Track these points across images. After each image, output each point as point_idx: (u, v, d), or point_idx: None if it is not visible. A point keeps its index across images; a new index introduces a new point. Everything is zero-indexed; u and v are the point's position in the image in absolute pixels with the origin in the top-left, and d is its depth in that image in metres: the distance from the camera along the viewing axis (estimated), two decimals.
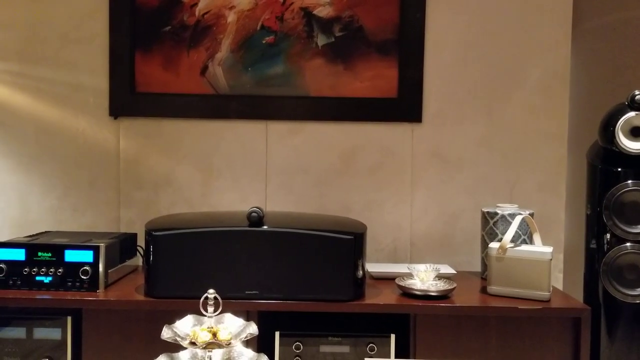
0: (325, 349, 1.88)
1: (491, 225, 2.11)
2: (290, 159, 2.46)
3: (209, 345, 1.04)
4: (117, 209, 2.46)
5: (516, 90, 2.44)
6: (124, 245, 2.12)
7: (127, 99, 2.45)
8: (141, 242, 2.31)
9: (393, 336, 1.87)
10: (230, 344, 1.06)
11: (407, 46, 2.41)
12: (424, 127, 2.44)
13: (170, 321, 1.81)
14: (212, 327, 1.09)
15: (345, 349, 1.88)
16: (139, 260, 2.29)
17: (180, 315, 1.17)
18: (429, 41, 2.42)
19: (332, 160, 2.46)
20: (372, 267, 2.22)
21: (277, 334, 1.87)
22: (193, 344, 1.05)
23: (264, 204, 2.42)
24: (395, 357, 1.83)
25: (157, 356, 1.16)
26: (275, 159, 2.47)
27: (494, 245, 1.96)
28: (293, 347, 1.86)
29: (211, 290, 1.10)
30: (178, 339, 1.06)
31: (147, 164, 2.47)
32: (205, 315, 1.09)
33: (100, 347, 1.83)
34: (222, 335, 1.08)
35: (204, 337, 1.05)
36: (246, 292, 1.83)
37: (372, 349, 1.86)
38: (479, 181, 2.44)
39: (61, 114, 2.46)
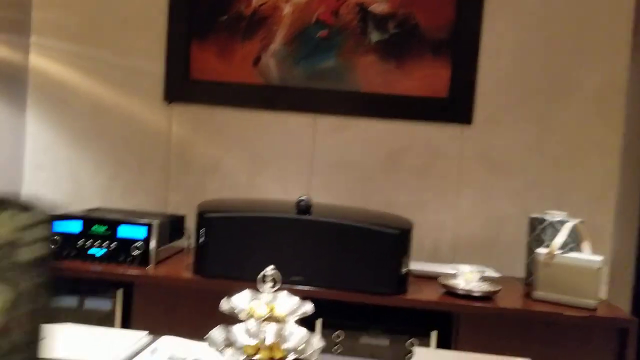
0: (365, 340, 1.89)
1: (538, 232, 2.09)
2: (336, 154, 2.48)
3: (266, 320, 1.06)
4: (165, 192, 2.52)
5: (571, 97, 2.41)
6: (173, 225, 2.16)
7: (182, 86, 2.50)
8: (189, 224, 2.36)
9: (435, 333, 1.87)
10: (286, 320, 1.08)
11: (461, 47, 2.41)
12: (474, 129, 2.43)
13: (217, 300, 1.85)
14: (269, 303, 1.11)
15: (385, 342, 1.89)
16: (185, 243, 2.33)
17: (226, 294, 1.17)
18: (484, 43, 2.41)
19: (378, 157, 2.47)
20: (414, 265, 2.22)
21: (318, 321, 1.89)
22: (250, 318, 1.07)
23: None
24: None
25: (202, 332, 1.18)
26: (321, 152, 2.48)
27: (542, 250, 1.95)
28: (334, 336, 1.88)
29: (270, 267, 1.12)
30: (236, 311, 1.08)
31: (196, 149, 2.51)
32: (263, 291, 1.11)
33: (148, 320, 1.88)
34: (279, 311, 1.10)
35: (262, 311, 1.07)
36: (291, 278, 1.85)
37: (412, 344, 1.86)
38: (527, 187, 2.42)
39: (117, 96, 2.53)
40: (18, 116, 2.53)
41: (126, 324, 1.88)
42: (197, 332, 1.35)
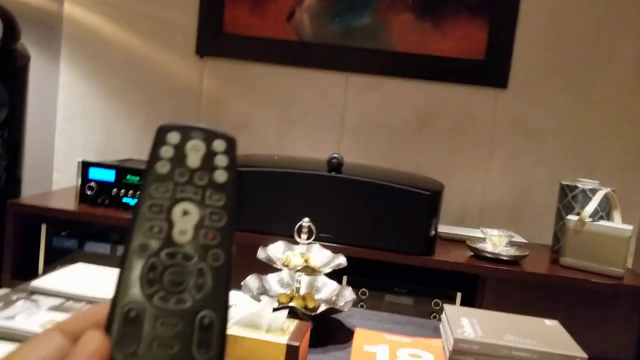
0: (389, 299, 1.91)
1: (569, 199, 2.08)
2: (367, 114, 2.47)
3: (300, 270, 1.08)
4: None
5: (608, 66, 2.36)
6: None
7: (214, 39, 2.49)
8: None
9: (459, 295, 1.88)
10: (320, 271, 1.09)
11: (500, 8, 2.36)
12: (509, 94, 2.40)
13: (246, 252, 1.87)
14: (303, 254, 1.12)
15: (409, 301, 1.91)
16: None
17: (255, 247, 1.18)
18: (523, 5, 2.35)
19: (409, 118, 2.45)
20: (441, 228, 2.22)
21: (344, 278, 1.91)
22: (285, 267, 1.09)
23: None
24: None
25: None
26: (352, 112, 2.48)
27: (572, 217, 1.94)
28: (359, 294, 1.90)
29: (306, 219, 1.13)
30: (272, 259, 1.10)
31: (227, 104, 2.52)
32: (299, 243, 1.13)
33: None
34: (314, 262, 1.11)
35: (297, 261, 1.08)
36: (320, 234, 1.86)
37: (436, 304, 1.88)
38: (559, 155, 2.39)
39: (150, 48, 2.53)
40: (52, 65, 2.55)
41: None
42: None
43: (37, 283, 1.09)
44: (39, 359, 0.27)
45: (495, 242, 1.94)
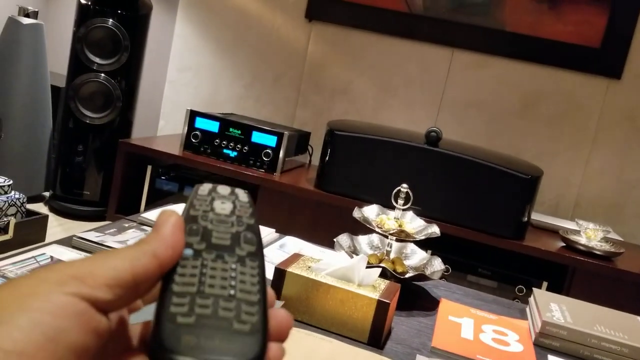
0: (472, 279, 1.91)
1: None
2: (469, 92, 2.43)
3: (394, 234, 1.10)
4: (294, 107, 2.59)
5: None
6: (299, 140, 2.24)
7: (325, 4, 2.51)
8: (313, 142, 2.43)
9: (545, 284, 1.85)
10: (414, 237, 1.11)
11: None
12: (622, 85, 2.29)
13: (334, 214, 1.92)
14: (398, 219, 1.14)
15: (492, 284, 1.89)
16: (306, 158, 2.41)
17: (344, 210, 1.20)
18: None
19: (512, 100, 2.39)
20: (534, 216, 2.18)
21: (428, 252, 1.91)
22: (379, 228, 1.11)
23: None
24: None
25: (317, 241, 1.23)
26: (453, 88, 2.44)
27: None
28: None
29: (405, 185, 1.14)
30: (368, 220, 1.12)
31: (329, 69, 2.55)
32: (395, 207, 1.15)
33: (269, 221, 1.98)
34: (408, 228, 1.13)
35: (391, 224, 1.10)
36: (411, 206, 1.87)
37: (520, 291, 1.86)
38: None
39: (261, 9, 2.59)
40: (170, 17, 2.67)
41: None
42: (312, 238, 1.42)
43: (146, 215, 1.17)
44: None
45: (590, 235, 1.88)
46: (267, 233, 1.28)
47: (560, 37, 2.31)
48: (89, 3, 2.23)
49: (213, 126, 2.05)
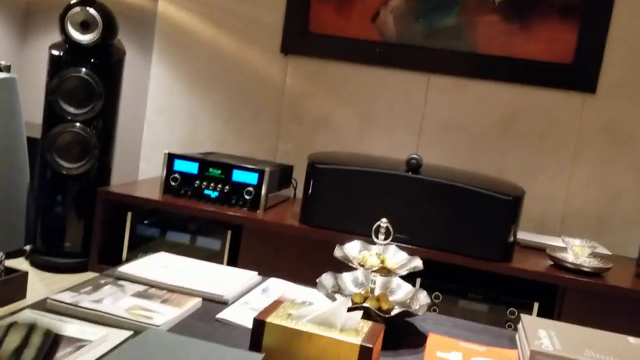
0: (463, 304, 1.89)
1: None
2: (448, 115, 2.44)
3: (376, 271, 1.08)
4: (275, 141, 2.59)
5: None
6: (282, 174, 2.23)
7: (299, 38, 2.52)
8: (296, 175, 2.42)
9: (537, 304, 1.83)
10: (396, 272, 1.09)
11: (592, 10, 2.26)
12: (597, 98, 2.30)
13: (320, 248, 1.90)
14: (380, 254, 1.13)
15: (484, 308, 1.87)
16: (291, 192, 2.40)
17: (329, 245, 1.20)
18: (618, 6, 2.25)
19: (491, 121, 2.40)
20: (520, 235, 2.17)
21: (418, 280, 1.90)
22: (361, 266, 1.10)
23: None
24: None
25: (303, 278, 1.22)
26: (432, 113, 2.45)
27: None
28: (432, 297, 1.88)
29: (384, 220, 1.13)
30: (349, 258, 1.11)
31: (308, 102, 2.55)
32: (377, 243, 1.13)
33: (254, 261, 1.97)
34: (390, 263, 1.11)
35: (373, 261, 1.09)
36: (396, 235, 1.86)
37: (512, 313, 1.84)
38: None
39: (236, 45, 2.60)
40: (144, 60, 2.67)
41: (232, 264, 1.98)
42: (299, 277, 1.40)
43: (123, 269, 1.15)
44: None
45: (577, 252, 1.87)
46: (249, 277, 1.25)
47: (533, 56, 2.33)
48: (61, 54, 2.22)
49: (192, 167, 2.04)
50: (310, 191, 1.94)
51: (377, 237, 1.13)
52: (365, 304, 1.03)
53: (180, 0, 2.63)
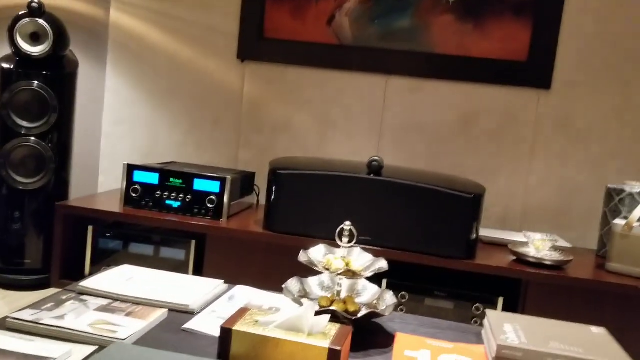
0: (430, 302, 1.90)
1: (616, 202, 2.03)
2: (407, 116, 2.46)
3: (342, 274, 1.08)
4: (236, 149, 2.57)
5: None
6: (244, 181, 2.21)
7: (255, 44, 2.52)
8: (258, 181, 2.41)
9: (501, 299, 1.86)
10: (361, 275, 1.09)
11: (544, 8, 2.32)
12: (552, 94, 2.36)
13: (284, 254, 1.89)
14: (344, 257, 1.13)
15: (450, 305, 1.89)
16: (253, 199, 2.39)
17: (294, 250, 1.20)
18: (569, 4, 2.31)
19: (450, 120, 2.43)
20: (483, 232, 2.20)
21: (384, 281, 1.90)
22: (326, 270, 1.10)
23: None
24: None
25: (269, 284, 1.21)
26: (391, 114, 2.47)
27: (619, 221, 1.89)
28: (398, 297, 1.89)
29: (347, 223, 1.13)
30: (314, 263, 1.10)
31: (268, 108, 2.54)
32: (341, 246, 1.13)
33: (220, 270, 1.95)
34: (355, 266, 1.11)
35: (338, 264, 1.09)
36: (360, 237, 1.86)
37: (477, 309, 1.86)
38: (606, 156, 2.34)
39: (193, 54, 2.58)
40: (99, 71, 2.62)
41: (198, 274, 1.96)
42: (265, 283, 1.39)
43: (85, 284, 1.12)
44: None
45: (539, 246, 1.91)
46: (215, 286, 1.24)
47: (488, 54, 2.37)
48: (12, 67, 2.17)
49: (152, 178, 2.01)
50: (272, 197, 1.93)
51: (341, 240, 1.13)
52: (332, 307, 1.03)
53: (133, 10, 2.60)
